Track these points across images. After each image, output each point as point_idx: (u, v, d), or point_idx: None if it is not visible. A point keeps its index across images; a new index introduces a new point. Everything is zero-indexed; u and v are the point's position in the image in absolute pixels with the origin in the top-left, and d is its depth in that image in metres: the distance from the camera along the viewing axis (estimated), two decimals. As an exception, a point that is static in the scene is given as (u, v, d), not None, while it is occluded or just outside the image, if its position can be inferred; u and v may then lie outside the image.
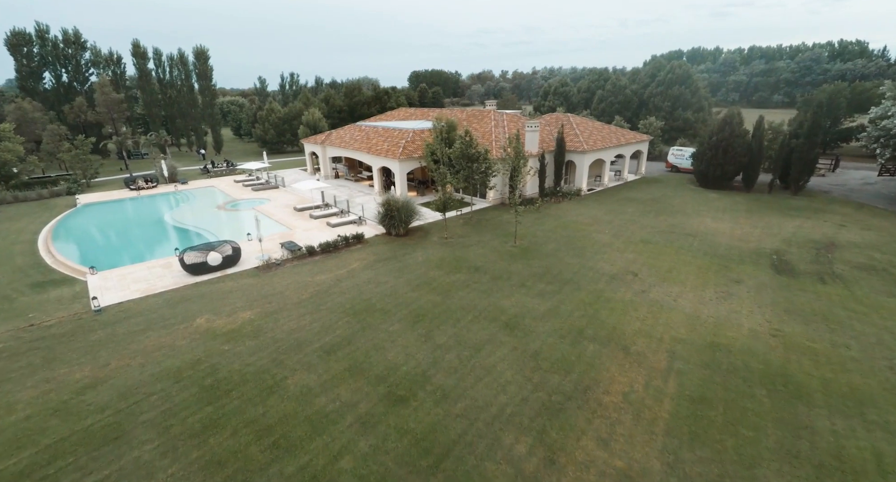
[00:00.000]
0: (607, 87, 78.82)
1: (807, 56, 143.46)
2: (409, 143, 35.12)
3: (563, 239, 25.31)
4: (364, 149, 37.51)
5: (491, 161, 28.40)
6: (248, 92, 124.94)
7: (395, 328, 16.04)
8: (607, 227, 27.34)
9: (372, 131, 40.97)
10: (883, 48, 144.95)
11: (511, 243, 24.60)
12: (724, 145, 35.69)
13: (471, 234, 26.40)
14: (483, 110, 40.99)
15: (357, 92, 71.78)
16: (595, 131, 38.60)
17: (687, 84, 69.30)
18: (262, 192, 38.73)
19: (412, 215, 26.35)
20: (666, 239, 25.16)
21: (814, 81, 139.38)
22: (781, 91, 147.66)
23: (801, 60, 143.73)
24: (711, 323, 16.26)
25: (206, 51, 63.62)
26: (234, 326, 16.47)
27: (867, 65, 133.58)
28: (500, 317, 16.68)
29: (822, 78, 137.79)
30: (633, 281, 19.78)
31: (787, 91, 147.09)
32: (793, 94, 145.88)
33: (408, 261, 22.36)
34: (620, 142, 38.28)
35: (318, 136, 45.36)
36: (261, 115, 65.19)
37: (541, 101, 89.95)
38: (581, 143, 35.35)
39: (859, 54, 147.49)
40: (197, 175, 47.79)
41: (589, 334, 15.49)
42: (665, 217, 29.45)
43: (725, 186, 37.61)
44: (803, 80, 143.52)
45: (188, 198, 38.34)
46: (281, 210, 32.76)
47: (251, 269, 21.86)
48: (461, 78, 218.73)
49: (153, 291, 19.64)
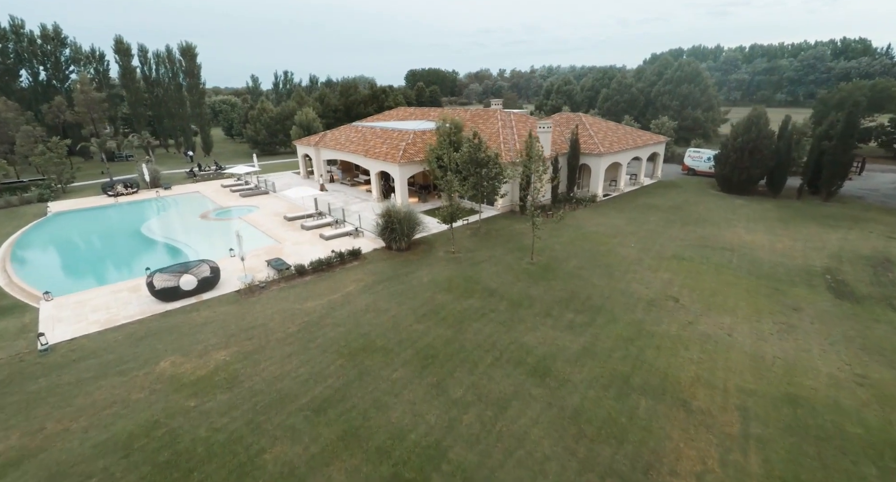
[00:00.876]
0: (612, 86, 76.17)
1: (810, 54, 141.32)
2: (409, 146, 32.27)
3: (586, 254, 22.54)
4: (361, 151, 34.62)
5: (502, 166, 25.61)
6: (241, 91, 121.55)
7: (399, 375, 13.22)
8: (632, 240, 24.59)
9: (369, 132, 38.09)
10: (887, 46, 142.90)
11: (528, 259, 21.81)
12: (751, 147, 33.03)
13: (480, 248, 23.59)
14: (489, 110, 38.17)
15: (353, 90, 68.81)
16: (609, 132, 35.86)
17: (696, 82, 66.72)
18: (250, 199, 35.78)
19: (415, 227, 23.53)
20: (701, 254, 22.43)
21: (817, 80, 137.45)
22: (784, 89, 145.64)
23: (803, 59, 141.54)
24: (780, 366, 13.52)
25: (193, 47, 60.44)
26: (204, 372, 13.60)
27: (871, 63, 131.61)
28: (526, 358, 13.89)
29: (826, 76, 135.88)
30: (676, 308, 17.02)
31: (791, 90, 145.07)
32: (796, 93, 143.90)
33: (411, 283, 19.53)
34: (637, 143, 35.57)
35: (311, 137, 42.43)
36: (252, 115, 62.12)
37: (543, 100, 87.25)
38: (596, 144, 32.61)
39: (862, 52, 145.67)
40: (182, 179, 44.75)
41: (637, 383, 12.72)
42: (693, 227, 26.74)
43: (750, 191, 34.97)
44: (807, 79, 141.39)
45: (170, 205, 35.35)
46: (270, 219, 29.83)
47: (231, 294, 18.97)
48: (459, 77, 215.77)
49: (114, 323, 16.73)
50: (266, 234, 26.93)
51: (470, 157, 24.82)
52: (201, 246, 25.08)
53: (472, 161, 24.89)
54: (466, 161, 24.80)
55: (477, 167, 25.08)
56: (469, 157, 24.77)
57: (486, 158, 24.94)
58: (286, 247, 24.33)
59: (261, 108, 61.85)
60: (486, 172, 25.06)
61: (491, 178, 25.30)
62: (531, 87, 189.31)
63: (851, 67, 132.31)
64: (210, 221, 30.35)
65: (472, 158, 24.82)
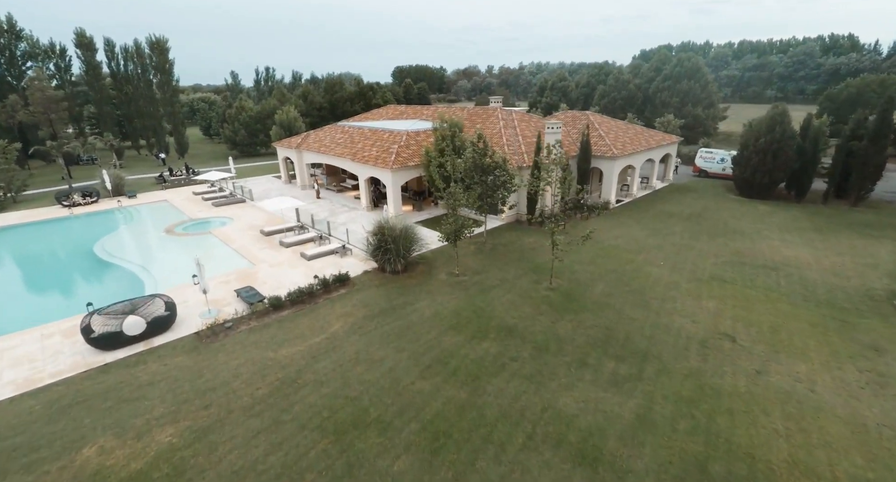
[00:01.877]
0: (609, 82, 73.54)
1: (799, 50, 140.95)
2: (402, 149, 28.87)
3: (611, 275, 19.46)
4: (348, 155, 31.11)
5: (511, 173, 22.39)
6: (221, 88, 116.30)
7: (403, 466, 9.92)
8: (659, 255, 21.60)
9: (357, 133, 34.55)
10: (875, 42, 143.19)
11: (546, 284, 18.65)
12: (775, 148, 30.34)
13: (488, 268, 20.37)
14: (488, 109, 34.91)
15: (339, 87, 64.91)
16: (620, 132, 32.89)
17: (696, 78, 64.39)
18: (224, 208, 32.00)
19: (412, 245, 20.20)
20: (742, 275, 19.51)
21: (807, 76, 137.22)
22: (774, 86, 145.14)
23: (793, 55, 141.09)
24: (891, 439, 10.56)
25: (164, 42, 55.99)
26: (140, 463, 10.15)
27: (861, 59, 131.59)
28: (567, 434, 10.70)
29: (816, 73, 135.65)
30: (735, 351, 14.01)
31: (781, 86, 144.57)
32: (786, 89, 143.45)
33: (410, 318, 16.23)
34: (650, 144, 32.65)
35: (292, 138, 38.69)
36: (230, 114, 57.92)
37: (536, 97, 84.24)
38: (609, 146, 29.58)
39: (850, 49, 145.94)
40: (151, 185, 40.65)
41: (718, 473, 9.61)
42: (723, 239, 23.87)
43: (771, 195, 32.34)
44: (797, 75, 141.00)
45: (133, 217, 31.39)
46: (244, 234, 26.20)
47: (190, 337, 15.43)
48: (447, 74, 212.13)
49: (35, 384, 13.12)
50: (238, 252, 23.33)
51: (474, 163, 21.56)
52: (162, 269, 21.42)
53: (477, 168, 21.63)
54: (470, 168, 21.53)
55: (482, 175, 21.83)
56: (473, 164, 21.50)
57: (493, 164, 21.71)
58: (261, 271, 20.79)
59: (239, 106, 57.69)
60: (492, 180, 21.84)
61: (498, 187, 22.08)
62: (520, 84, 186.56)
63: (841, 64, 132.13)
64: (176, 237, 26.57)
65: (478, 165, 21.56)
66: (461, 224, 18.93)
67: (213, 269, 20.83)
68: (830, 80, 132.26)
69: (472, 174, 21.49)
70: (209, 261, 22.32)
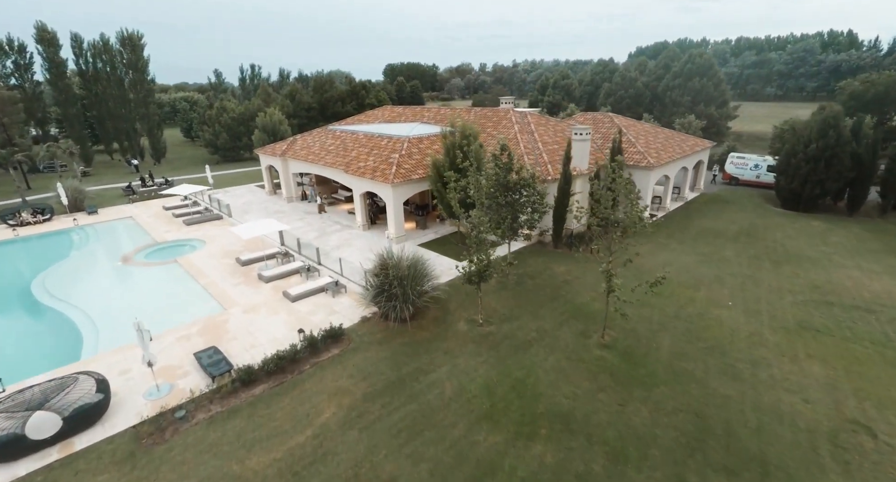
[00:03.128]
0: (615, 80, 69.79)
1: (799, 47, 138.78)
2: (404, 159, 24.73)
3: (674, 322, 15.53)
4: (341, 165, 26.89)
5: (542, 191, 18.34)
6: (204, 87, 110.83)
7: None
8: (723, 292, 17.72)
9: (350, 139, 30.31)
10: (875, 38, 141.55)
11: (597, 336, 14.67)
12: (828, 156, 26.66)
13: (519, 311, 16.34)
14: (498, 110, 30.82)
15: (329, 86, 60.36)
16: (650, 137, 29.01)
17: (709, 76, 60.87)
18: (197, 228, 27.62)
19: (423, 283, 16.10)
20: (834, 320, 15.67)
21: (807, 73, 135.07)
22: (774, 83, 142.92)
23: (793, 51, 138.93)
24: None
25: (138, 37, 51.11)
26: None
27: (862, 56, 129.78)
28: None
29: (816, 70, 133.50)
30: (882, 453, 10.11)
31: (781, 83, 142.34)
32: (786, 87, 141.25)
33: (428, 398, 12.14)
34: (685, 151, 28.81)
35: (277, 144, 34.30)
36: (210, 115, 53.19)
37: (537, 96, 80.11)
38: (642, 154, 25.69)
39: (849, 46, 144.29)
40: (118, 197, 36.03)
41: None
42: (789, 267, 20.08)
43: (819, 208, 28.73)
44: (797, 72, 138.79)
45: (89, 239, 26.86)
46: (217, 263, 21.90)
47: (126, 434, 11.20)
48: (439, 71, 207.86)
49: None
50: (207, 290, 19.03)
51: (498, 180, 17.47)
52: (109, 317, 17.06)
53: (501, 186, 17.55)
54: (493, 186, 17.43)
55: (508, 194, 17.75)
56: (497, 182, 17.41)
57: (522, 182, 17.63)
58: (232, 319, 16.53)
59: (220, 107, 52.98)
60: (522, 200, 17.76)
61: (530, 209, 18.00)
62: (514, 82, 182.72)
63: (842, 61, 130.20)
64: (135, 268, 22.17)
65: (502, 183, 17.48)
66: (486, 264, 14.75)
67: (172, 317, 16.60)
68: (831, 78, 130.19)
69: (496, 196, 17.40)
70: (169, 303, 18.09)
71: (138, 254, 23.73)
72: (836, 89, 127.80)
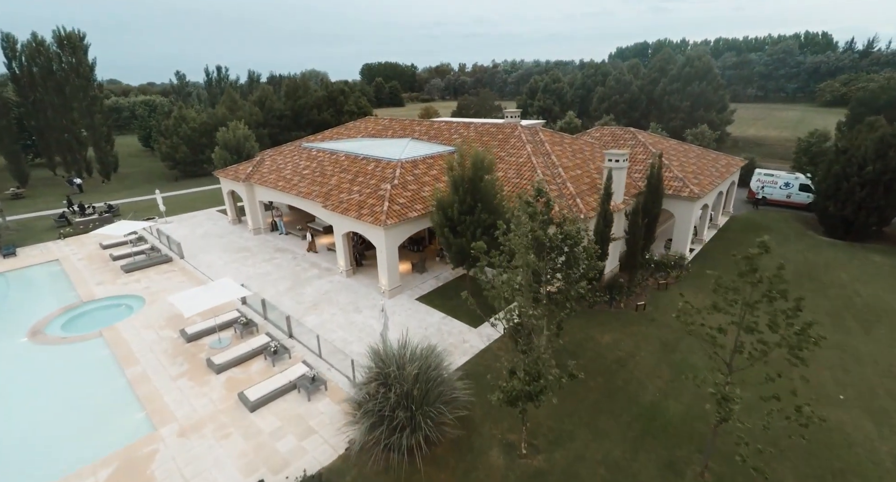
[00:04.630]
0: (609, 84, 66.23)
1: (779, 48, 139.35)
2: (397, 190, 19.93)
3: (783, 434, 11.22)
4: (318, 196, 21.93)
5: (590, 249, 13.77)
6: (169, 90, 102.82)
7: None
8: (819, 371, 13.58)
9: (329, 160, 25.34)
10: (851, 39, 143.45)
11: (694, 471, 10.22)
12: (887, 180, 23.09)
13: (573, 426, 11.79)
14: (502, 126, 26.24)
15: (303, 91, 54.68)
16: (682, 156, 24.96)
17: (709, 79, 57.88)
18: (139, 276, 22.17)
19: (438, 391, 11.35)
20: None
21: (787, 74, 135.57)
22: (755, 84, 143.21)
23: (773, 53, 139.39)
24: None
25: (79, 37, 44.52)
26: None
27: (840, 57, 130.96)
28: None
29: (796, 71, 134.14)
30: None
31: (761, 84, 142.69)
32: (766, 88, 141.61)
33: None
34: (722, 173, 24.84)
35: (241, 166, 28.89)
36: (167, 126, 47.01)
37: (526, 100, 75.77)
38: (682, 181, 21.54)
39: (826, 47, 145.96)
40: (47, 230, 29.96)
41: None
42: (884, 328, 16.15)
43: (869, 237, 25.24)
44: (777, 73, 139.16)
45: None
46: (154, 338, 16.63)
47: None
48: (417, 71, 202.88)
49: None
50: (133, 388, 13.81)
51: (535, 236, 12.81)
52: None
53: (541, 246, 12.90)
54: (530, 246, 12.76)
55: (550, 253, 13.10)
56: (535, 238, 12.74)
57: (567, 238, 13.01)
58: (163, 451, 11.40)
59: (178, 116, 46.85)
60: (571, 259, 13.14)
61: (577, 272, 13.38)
62: (496, 83, 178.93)
63: (821, 62, 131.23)
64: (43, 348, 16.66)
65: (540, 241, 12.82)
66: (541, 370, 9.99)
67: (77, 447, 11.41)
68: (810, 79, 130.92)
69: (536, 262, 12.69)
70: (78, 418, 12.62)
71: (54, 322, 18.21)
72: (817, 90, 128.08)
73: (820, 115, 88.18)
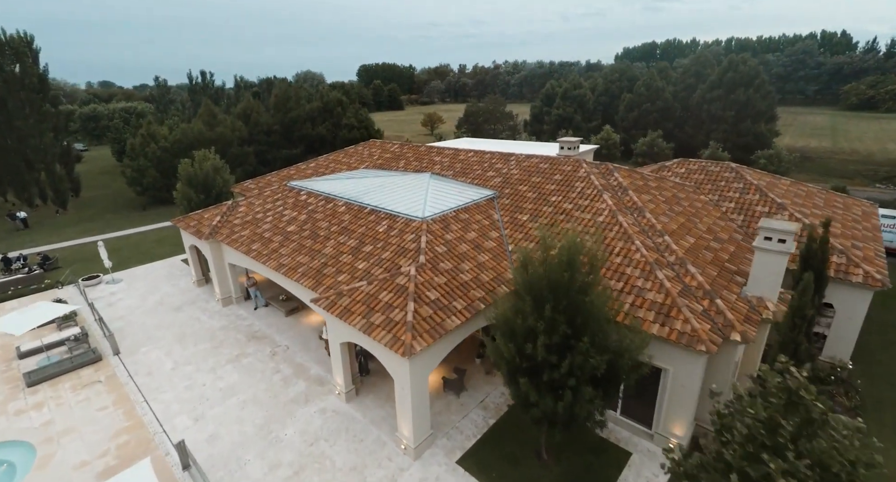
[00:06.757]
0: (639, 90, 59.21)
1: (798, 49, 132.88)
2: (425, 275, 12.90)
3: None
4: (308, 279, 14.95)
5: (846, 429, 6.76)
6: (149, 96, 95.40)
7: None
8: None
9: (324, 211, 18.34)
10: (873, 39, 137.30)
11: None
12: None
13: None
14: (557, 160, 19.22)
15: (294, 103, 47.46)
16: (817, 211, 18.05)
17: (756, 86, 51.06)
18: (45, 393, 15.10)
19: None
20: None
21: (808, 76, 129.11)
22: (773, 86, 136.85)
23: (791, 53, 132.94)
24: None
25: (23, 42, 37.29)
26: None
27: (864, 58, 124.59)
28: None
29: (816, 72, 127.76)
30: None
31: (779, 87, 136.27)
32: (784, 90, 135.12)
33: None
34: (874, 232, 17.91)
35: (206, 213, 21.72)
36: (133, 144, 39.89)
37: (542, 107, 68.43)
38: (846, 257, 14.61)
39: (846, 47, 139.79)
40: (-42, 292, 22.79)
41: None
42: None
43: None
44: (796, 75, 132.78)
45: None
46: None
47: None
48: (416, 72, 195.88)
49: None
50: None
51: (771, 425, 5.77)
52: None
53: None
54: None
55: None
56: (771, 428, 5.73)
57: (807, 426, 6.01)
58: None
59: (146, 133, 39.70)
60: None
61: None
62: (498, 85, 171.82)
63: (843, 63, 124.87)
64: None
65: None
66: None
67: None
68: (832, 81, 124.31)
69: None
70: None
71: None
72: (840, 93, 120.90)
73: (852, 121, 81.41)
